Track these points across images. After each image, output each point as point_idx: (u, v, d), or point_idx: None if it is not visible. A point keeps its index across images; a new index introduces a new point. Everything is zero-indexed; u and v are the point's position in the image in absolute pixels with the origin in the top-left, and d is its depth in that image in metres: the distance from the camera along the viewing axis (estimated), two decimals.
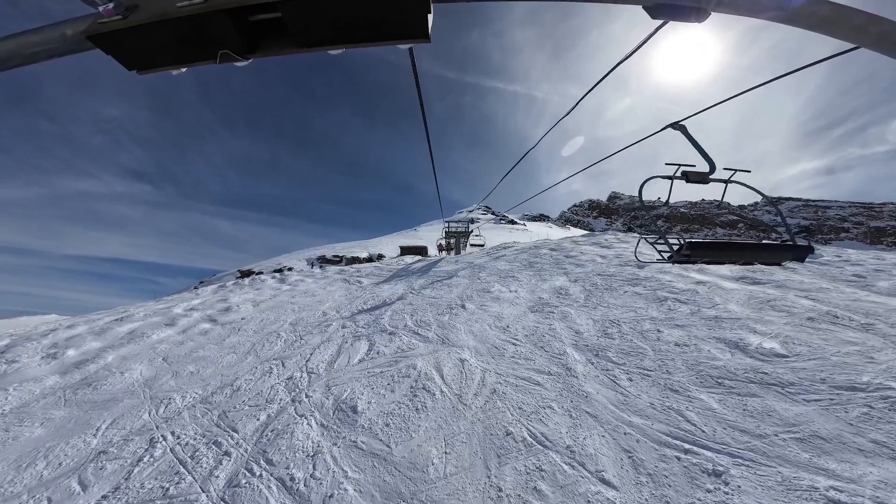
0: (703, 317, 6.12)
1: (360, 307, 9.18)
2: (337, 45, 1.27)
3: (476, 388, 4.42)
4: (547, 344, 5.48)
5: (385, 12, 1.16)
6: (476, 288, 9.31)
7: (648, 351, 5.05)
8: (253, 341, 7.68)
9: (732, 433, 3.54)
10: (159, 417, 5.05)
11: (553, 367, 4.80)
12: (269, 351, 6.95)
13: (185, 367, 6.78)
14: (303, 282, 14.59)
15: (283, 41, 1.34)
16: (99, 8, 1.20)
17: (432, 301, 8.68)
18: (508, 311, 7.16)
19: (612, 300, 7.24)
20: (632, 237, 14.23)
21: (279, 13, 1.20)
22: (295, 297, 11.80)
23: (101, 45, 1.26)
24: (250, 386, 5.58)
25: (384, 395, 4.53)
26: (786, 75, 2.31)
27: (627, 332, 5.68)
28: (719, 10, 1.30)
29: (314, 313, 9.19)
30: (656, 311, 6.49)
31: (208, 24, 1.20)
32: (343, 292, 11.66)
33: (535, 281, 9.35)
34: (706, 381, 4.34)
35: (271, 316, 9.58)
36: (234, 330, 8.77)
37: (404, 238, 43.95)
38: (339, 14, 1.17)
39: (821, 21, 1.24)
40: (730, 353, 4.91)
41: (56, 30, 1.33)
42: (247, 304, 11.30)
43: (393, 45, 1.27)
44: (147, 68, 1.36)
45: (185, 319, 10.19)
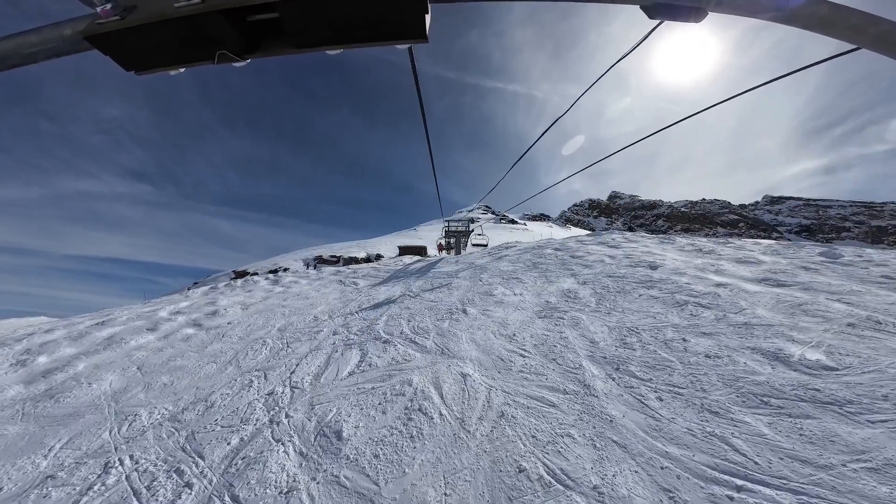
0: (732, 323, 5.51)
1: (353, 311, 8.57)
2: (335, 45, 1.25)
3: (481, 410, 3.80)
4: (559, 355, 4.87)
5: (383, 13, 1.14)
6: (478, 291, 8.70)
7: (676, 364, 4.44)
8: (236, 349, 7.07)
9: (791, 464, 2.94)
10: (120, 437, 4.46)
11: (569, 383, 4.18)
12: (252, 360, 6.34)
13: (159, 378, 6.18)
14: (297, 283, 13.97)
15: (281, 41, 1.31)
16: (97, 8, 1.18)
17: (431, 305, 8.07)
18: (514, 317, 6.55)
19: (627, 304, 6.63)
20: (640, 236, 13.62)
21: (277, 13, 1.18)
22: (287, 299, 11.19)
23: (99, 45, 1.23)
24: (226, 402, 4.97)
25: (374, 418, 3.92)
26: (786, 76, 2.18)
27: (649, 342, 5.07)
28: (717, 10, 1.28)
29: (305, 318, 8.58)
30: (677, 317, 5.88)
31: (206, 24, 1.18)
32: (337, 295, 11.04)
33: (541, 283, 8.74)
34: (749, 401, 3.73)
35: (259, 321, 8.96)
36: (218, 336, 8.16)
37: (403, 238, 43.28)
38: (337, 14, 1.15)
39: (819, 21, 1.23)
40: (770, 365, 4.30)
41: (54, 30, 1.31)
42: (235, 307, 10.69)
43: (391, 45, 1.25)
44: (145, 69, 1.33)
45: (168, 324, 9.59)
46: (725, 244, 12.02)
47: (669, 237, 12.73)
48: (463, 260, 14.42)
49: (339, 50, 1.28)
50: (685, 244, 11.67)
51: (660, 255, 10.16)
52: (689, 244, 11.63)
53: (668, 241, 12.25)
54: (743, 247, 11.61)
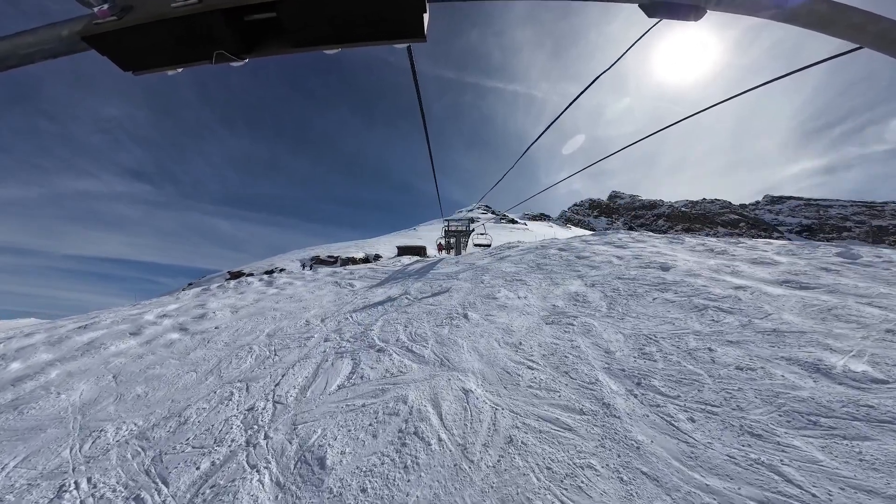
0: (759, 330, 5.03)
1: (347, 315, 8.07)
2: (333, 44, 1.24)
3: (486, 434, 3.30)
4: (572, 368, 4.38)
5: (380, 12, 1.13)
6: (479, 293, 8.20)
7: (705, 378, 3.95)
8: (220, 356, 6.58)
9: (856, 496, 2.47)
10: (81, 456, 3.99)
11: (585, 401, 3.69)
12: (236, 370, 5.84)
13: (134, 389, 5.69)
14: (291, 285, 13.47)
15: (278, 41, 1.29)
16: (94, 9, 1.18)
17: (430, 309, 7.58)
18: (519, 323, 6.05)
19: (641, 309, 6.14)
20: (647, 236, 13.13)
21: (274, 13, 1.16)
22: (279, 302, 10.69)
23: (97, 45, 1.23)
24: (201, 418, 4.49)
25: (363, 442, 3.42)
26: (787, 75, 2.10)
27: (670, 352, 4.58)
28: (716, 9, 1.26)
29: (296, 322, 8.09)
30: (698, 324, 5.39)
31: (203, 24, 1.17)
32: (332, 297, 10.55)
33: (547, 285, 8.24)
34: (795, 420, 3.24)
35: (248, 325, 8.47)
36: (202, 342, 7.67)
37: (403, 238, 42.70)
38: (335, 14, 1.14)
39: (819, 20, 1.21)
40: (811, 378, 3.82)
41: (52, 30, 1.30)
42: (225, 310, 10.19)
43: (389, 44, 1.24)
44: (142, 69, 1.32)
45: (153, 328, 9.09)
46: (737, 244, 11.53)
47: (678, 237, 12.25)
48: (463, 260, 13.93)
49: (337, 49, 1.26)
50: (695, 244, 11.18)
51: (670, 255, 9.67)
52: (699, 244, 11.14)
53: (677, 240, 11.76)
54: (755, 247, 11.13)
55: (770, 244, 11.83)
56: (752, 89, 2.33)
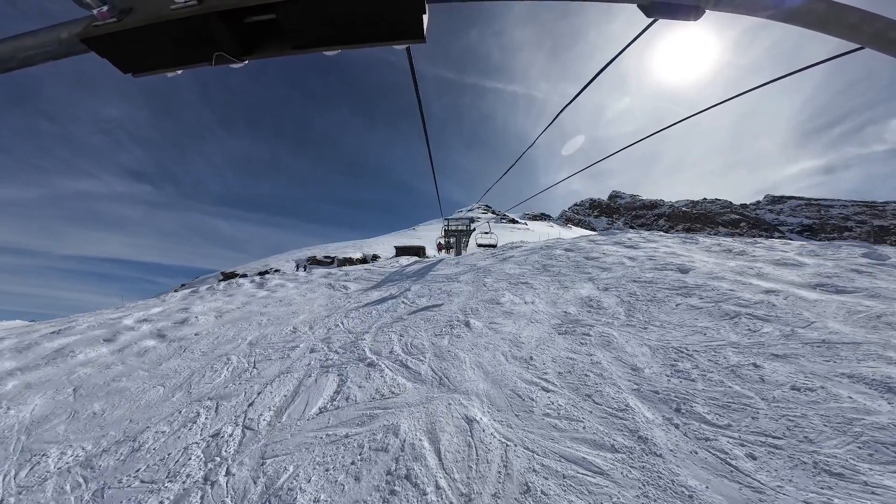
0: (806, 341, 4.37)
1: (338, 322, 7.41)
2: (332, 46, 1.23)
3: (496, 480, 2.63)
4: (595, 389, 3.71)
5: (379, 13, 1.12)
6: (482, 298, 7.53)
7: (756, 401, 3.29)
8: (194, 368, 5.92)
9: None
10: (14, 486, 3.39)
11: (616, 434, 3.02)
12: (208, 385, 5.18)
13: (92, 405, 5.05)
14: (283, 287, 12.80)
15: (278, 43, 1.29)
16: (93, 11, 1.16)
17: (428, 315, 6.91)
18: (528, 333, 5.39)
19: (665, 317, 5.48)
20: (658, 236, 12.48)
21: (274, 15, 1.16)
22: (268, 306, 10.03)
23: (96, 47, 1.22)
24: (159, 444, 3.83)
25: (342, 487, 2.76)
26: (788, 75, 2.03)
27: (709, 368, 3.92)
28: (715, 9, 1.26)
29: (283, 329, 7.42)
30: (734, 333, 4.74)
31: (203, 26, 1.16)
32: (324, 301, 9.88)
33: (555, 289, 7.58)
34: (880, 454, 2.59)
35: (231, 332, 7.80)
36: (178, 350, 7.01)
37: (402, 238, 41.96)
38: (334, 15, 1.13)
39: (817, 19, 1.21)
40: (885, 400, 3.16)
41: (51, 33, 1.29)
42: (209, 314, 9.53)
43: (388, 45, 1.23)
44: (142, 71, 1.31)
45: (129, 334, 8.43)
46: (754, 244, 10.88)
47: (692, 237, 11.60)
48: (464, 261, 13.26)
49: (336, 51, 1.26)
50: (711, 244, 10.53)
51: (686, 256, 9.02)
52: (715, 244, 10.48)
53: (691, 240, 11.10)
54: (773, 247, 10.49)
55: (788, 244, 11.19)
56: (752, 90, 2.21)
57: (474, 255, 14.51)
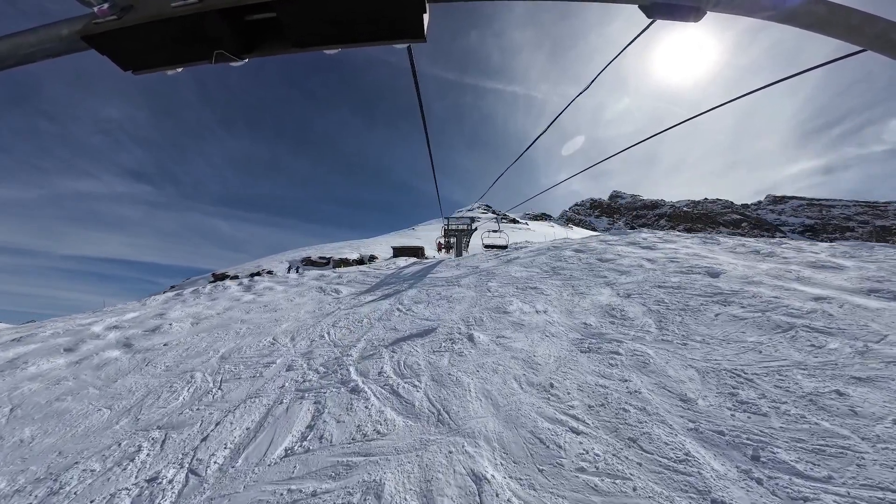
0: (888, 359, 3.53)
1: (324, 332, 6.56)
2: (332, 45, 1.23)
3: None
4: (640, 430, 2.86)
5: (380, 12, 1.12)
6: (487, 305, 6.68)
7: (856, 442, 2.45)
8: (151, 387, 5.08)
9: None
10: None
11: (681, 500, 2.18)
12: (161, 409, 4.34)
13: (23, 429, 4.27)
14: (271, 290, 11.95)
15: (278, 41, 1.28)
16: (94, 8, 1.15)
17: (425, 326, 6.06)
18: (544, 350, 4.53)
19: (705, 329, 4.64)
20: (675, 236, 11.63)
21: (274, 13, 1.16)
22: (250, 312, 9.17)
23: (96, 45, 1.21)
24: (82, 487, 3.02)
25: None
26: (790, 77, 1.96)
27: (780, 398, 3.07)
28: (716, 10, 1.25)
29: (261, 340, 6.57)
30: (795, 350, 3.90)
31: (203, 24, 1.15)
32: (313, 306, 9.03)
33: (569, 295, 6.73)
34: None
35: (203, 342, 6.96)
36: (141, 364, 6.17)
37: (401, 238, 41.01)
38: (335, 14, 1.13)
39: (818, 20, 1.19)
40: None
41: (51, 30, 1.27)
42: (185, 321, 8.67)
43: (389, 45, 1.23)
44: (142, 68, 1.30)
45: (93, 343, 7.59)
46: (780, 244, 10.04)
47: (712, 237, 10.75)
48: (464, 263, 12.41)
49: (336, 49, 1.24)
50: (734, 245, 9.68)
51: (711, 257, 8.17)
52: (739, 245, 9.64)
53: (711, 241, 10.25)
54: (802, 248, 9.64)
55: (816, 245, 10.34)
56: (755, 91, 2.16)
57: (476, 257, 13.65)
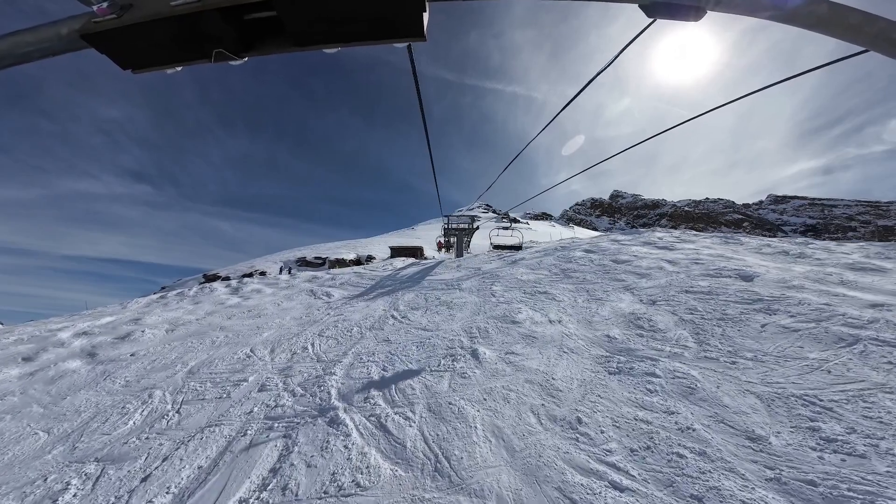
0: None
1: (308, 343, 5.82)
2: (332, 43, 1.23)
3: None
4: (704, 483, 2.12)
5: (380, 11, 1.12)
6: (492, 313, 5.93)
7: None
8: (102, 406, 4.36)
9: None
10: None
11: None
12: (105, 436, 3.62)
13: None
14: (259, 293, 11.21)
15: (278, 40, 1.30)
16: (93, 7, 1.16)
17: (422, 337, 5.32)
18: (564, 371, 3.79)
19: (753, 343, 3.90)
20: (693, 235, 10.90)
21: (274, 12, 1.16)
22: (232, 317, 8.44)
23: (96, 44, 1.22)
24: None
25: None
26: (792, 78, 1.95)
27: (873, 431, 2.33)
28: (716, 9, 1.25)
29: (237, 352, 5.83)
30: (870, 369, 3.17)
31: (203, 23, 1.16)
32: (300, 312, 8.29)
33: (585, 301, 5.99)
34: None
35: (173, 353, 6.22)
36: (99, 377, 5.44)
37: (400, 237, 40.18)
38: (334, 13, 1.14)
39: (818, 20, 1.20)
40: None
41: (51, 29, 1.27)
42: (160, 327, 7.94)
43: (389, 43, 1.23)
44: (141, 67, 1.31)
45: (55, 352, 6.87)
46: (806, 245, 9.31)
47: (732, 236, 10.02)
48: (466, 263, 11.67)
49: (336, 48, 1.25)
50: (759, 245, 8.95)
51: (737, 259, 7.43)
52: (764, 245, 8.90)
53: (733, 240, 9.51)
54: (830, 249, 8.90)
55: (843, 245, 9.61)
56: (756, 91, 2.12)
57: (478, 258, 12.89)
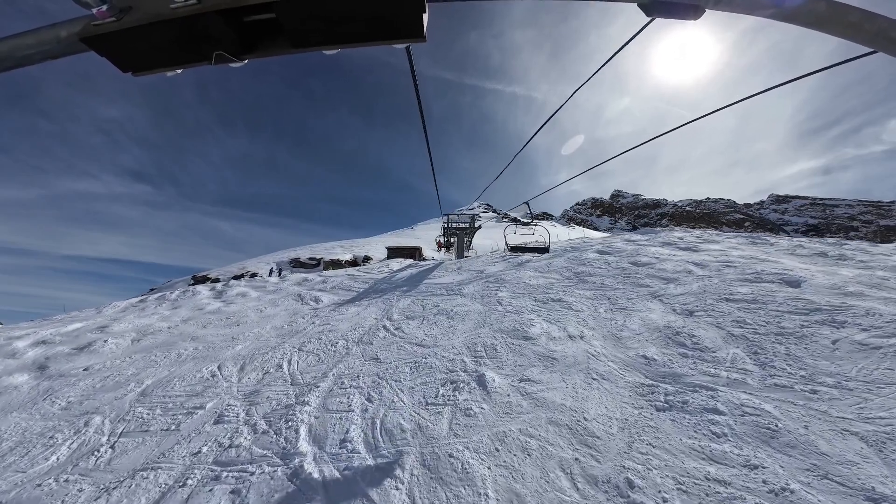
0: None
1: (284, 359, 5.00)
2: (332, 45, 1.23)
3: None
4: None
5: (379, 12, 1.12)
6: (499, 325, 5.09)
7: None
8: (28, 435, 3.58)
9: None
10: None
11: None
12: (18, 475, 2.93)
13: None
14: (243, 297, 10.38)
15: (278, 41, 1.29)
16: (93, 10, 1.14)
17: (417, 355, 4.50)
18: (597, 406, 2.96)
19: (829, 365, 3.09)
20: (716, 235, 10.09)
21: (274, 14, 1.16)
22: (208, 325, 7.62)
23: (95, 47, 1.21)
24: None
25: None
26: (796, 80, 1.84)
27: None
28: (715, 8, 1.25)
29: (202, 369, 5.01)
30: None
31: (202, 25, 1.15)
32: (283, 320, 7.47)
33: (608, 311, 5.17)
34: None
35: (132, 367, 5.42)
36: (39, 396, 4.66)
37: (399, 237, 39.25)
38: (334, 14, 1.13)
39: (817, 19, 1.19)
40: None
41: (50, 32, 1.27)
42: (127, 336, 7.13)
43: (388, 44, 1.23)
44: (141, 70, 1.31)
45: (4, 363, 6.10)
46: (841, 245, 8.50)
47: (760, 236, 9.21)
48: (467, 265, 10.84)
49: (336, 50, 1.26)
50: (790, 246, 8.13)
51: (773, 261, 6.62)
52: (796, 246, 8.08)
53: (760, 241, 8.70)
54: (866, 249, 8.09)
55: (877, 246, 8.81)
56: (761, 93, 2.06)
57: (480, 259, 12.06)
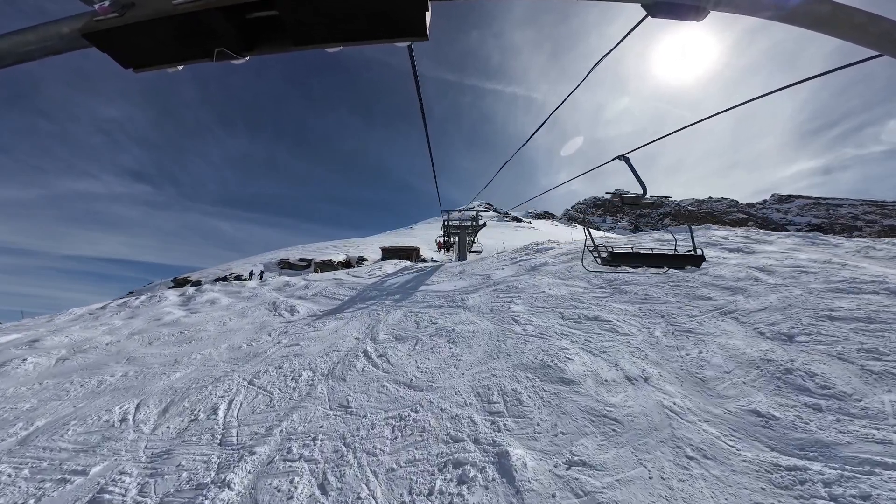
0: None
1: (224, 399, 3.65)
2: (334, 42, 1.22)
3: None
4: None
5: (382, 9, 1.12)
6: (519, 357, 3.74)
7: None
8: None
9: None
10: None
11: None
12: None
13: None
14: (212, 304, 9.03)
15: (280, 39, 1.28)
16: (95, 6, 1.15)
17: (404, 405, 3.16)
18: None
19: None
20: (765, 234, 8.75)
21: (276, 11, 1.16)
22: (154, 342, 6.28)
23: (97, 43, 1.21)
24: None
25: None
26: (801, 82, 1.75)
27: None
28: (718, 9, 1.23)
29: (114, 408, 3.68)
30: None
31: (205, 21, 1.15)
32: (244, 337, 6.11)
33: (668, 336, 3.81)
34: None
35: (33, 399, 4.17)
36: None
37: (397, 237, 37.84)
38: (336, 11, 1.13)
39: (820, 20, 1.18)
40: None
41: (52, 28, 1.26)
42: (53, 353, 5.86)
43: (391, 42, 1.22)
44: (143, 66, 1.30)
45: None
46: None
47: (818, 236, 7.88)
48: (470, 269, 9.49)
49: (338, 47, 1.26)
50: (860, 247, 6.78)
51: (854, 266, 5.26)
52: (866, 247, 6.74)
53: (822, 241, 7.35)
54: None
55: None
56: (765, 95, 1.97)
57: (485, 261, 10.69)
